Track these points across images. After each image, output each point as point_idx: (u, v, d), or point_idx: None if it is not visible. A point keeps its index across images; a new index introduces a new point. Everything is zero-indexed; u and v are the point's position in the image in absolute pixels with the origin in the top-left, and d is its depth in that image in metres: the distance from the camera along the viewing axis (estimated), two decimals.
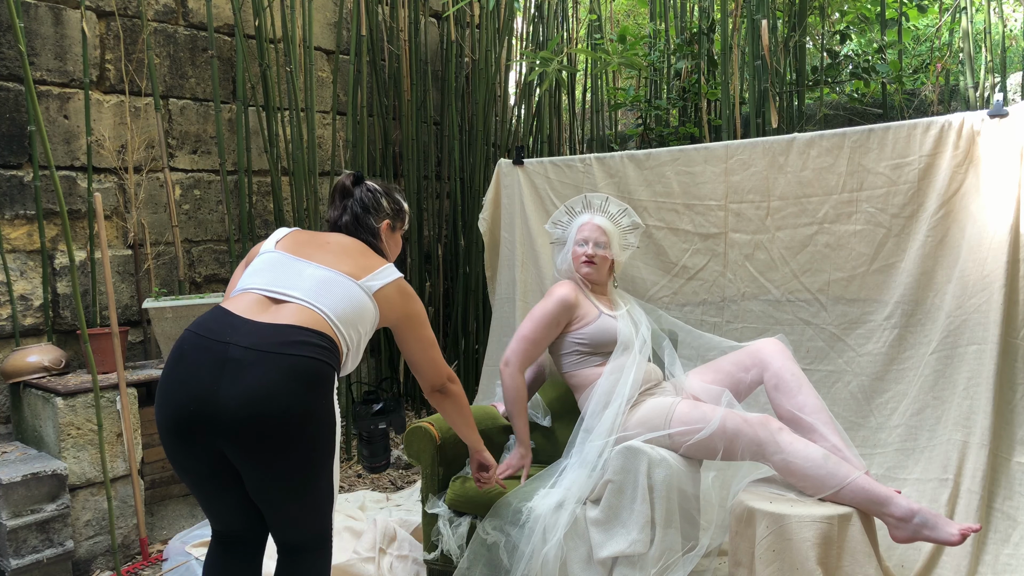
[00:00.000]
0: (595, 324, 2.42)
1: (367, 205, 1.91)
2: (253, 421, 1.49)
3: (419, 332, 1.88)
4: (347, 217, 1.90)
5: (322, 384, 1.58)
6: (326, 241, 1.84)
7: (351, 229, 1.90)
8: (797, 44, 3.83)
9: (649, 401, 2.30)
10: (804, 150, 2.73)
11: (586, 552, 2.15)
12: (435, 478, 2.43)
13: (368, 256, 1.84)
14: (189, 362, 1.56)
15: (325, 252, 1.79)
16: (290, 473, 1.56)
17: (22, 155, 3.03)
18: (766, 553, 1.98)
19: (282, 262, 1.75)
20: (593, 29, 4.76)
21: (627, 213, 2.67)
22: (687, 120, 4.45)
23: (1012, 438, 2.32)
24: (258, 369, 1.50)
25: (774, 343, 2.37)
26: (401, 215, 2.01)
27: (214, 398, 1.50)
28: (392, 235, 1.98)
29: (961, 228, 2.46)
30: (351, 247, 1.84)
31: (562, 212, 2.70)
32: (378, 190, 1.94)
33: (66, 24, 3.14)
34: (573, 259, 2.54)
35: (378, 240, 1.92)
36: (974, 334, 2.37)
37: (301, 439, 1.54)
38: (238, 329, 1.57)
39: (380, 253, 1.91)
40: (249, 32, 3.66)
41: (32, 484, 2.54)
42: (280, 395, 1.50)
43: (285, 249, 1.79)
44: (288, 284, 1.69)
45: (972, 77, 3.70)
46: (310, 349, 1.57)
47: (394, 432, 3.95)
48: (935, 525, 1.98)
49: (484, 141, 4.44)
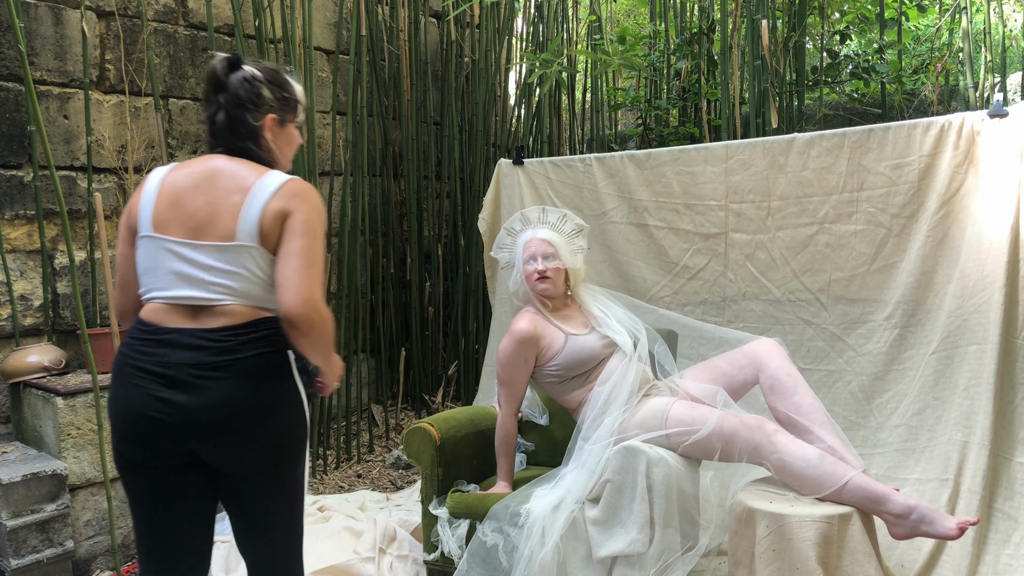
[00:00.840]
0: (564, 351, 2.36)
1: (243, 100, 1.59)
2: (215, 427, 1.47)
3: (301, 242, 1.50)
4: (221, 117, 1.60)
5: (274, 375, 1.52)
6: (202, 188, 1.55)
7: (226, 136, 1.60)
8: (797, 44, 3.83)
9: (645, 403, 2.30)
10: (804, 150, 2.73)
11: (585, 552, 2.14)
12: (435, 479, 2.43)
13: (247, 184, 1.54)
14: (131, 388, 1.50)
15: (206, 210, 1.53)
16: (260, 465, 1.52)
17: (22, 155, 3.03)
18: (766, 553, 1.98)
19: (171, 256, 1.53)
20: (593, 29, 4.76)
21: (567, 218, 2.59)
22: (687, 120, 4.45)
23: (1013, 438, 2.31)
24: (208, 383, 1.46)
25: (770, 343, 2.35)
26: (289, 104, 1.68)
27: (169, 417, 1.46)
28: (281, 130, 1.67)
29: (961, 228, 2.46)
30: (229, 186, 1.54)
31: (504, 235, 2.63)
32: (257, 78, 1.62)
33: (66, 24, 3.14)
34: (526, 279, 2.46)
35: (259, 143, 1.61)
36: (974, 334, 2.37)
37: (265, 430, 1.50)
38: (173, 346, 1.48)
39: (264, 162, 1.61)
40: (249, 32, 3.65)
41: (32, 484, 2.54)
42: (235, 402, 1.47)
43: (164, 229, 1.54)
44: (192, 284, 1.51)
45: (972, 77, 3.70)
46: (251, 346, 1.49)
47: None
48: (933, 520, 1.98)
49: (484, 141, 4.44)
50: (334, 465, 3.83)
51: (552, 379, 2.40)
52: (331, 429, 3.98)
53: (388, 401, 4.33)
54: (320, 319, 1.48)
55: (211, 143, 1.63)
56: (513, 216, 2.64)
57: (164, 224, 1.55)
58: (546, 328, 2.41)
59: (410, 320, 4.37)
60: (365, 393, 4.29)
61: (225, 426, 1.47)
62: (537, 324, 2.40)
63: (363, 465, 3.89)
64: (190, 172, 1.58)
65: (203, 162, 1.60)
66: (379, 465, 3.89)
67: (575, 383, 2.38)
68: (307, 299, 1.45)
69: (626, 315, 2.53)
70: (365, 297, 4.17)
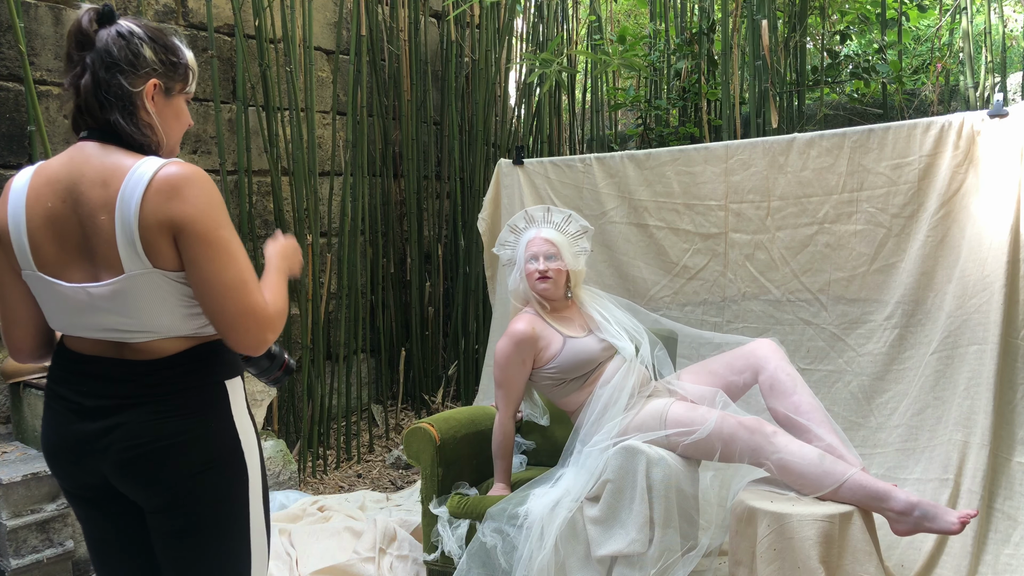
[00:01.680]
0: (562, 354, 2.34)
1: (116, 58, 1.27)
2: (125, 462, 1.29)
3: (211, 266, 1.22)
4: (86, 79, 1.27)
5: (199, 410, 1.31)
6: (69, 204, 1.25)
7: (93, 108, 1.27)
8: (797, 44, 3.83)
9: (644, 405, 2.29)
10: (804, 150, 2.73)
11: (584, 552, 2.14)
12: (435, 479, 2.43)
13: (111, 194, 1.23)
14: (51, 416, 1.36)
15: (83, 238, 1.25)
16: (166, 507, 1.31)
17: (22, 155, 3.03)
18: (767, 552, 1.98)
19: (70, 300, 1.27)
20: (593, 29, 4.76)
21: (572, 219, 2.55)
22: (687, 120, 4.45)
23: (1012, 438, 2.32)
24: (122, 415, 1.29)
25: (768, 344, 2.35)
26: (178, 70, 1.35)
27: (82, 447, 1.32)
28: (167, 102, 1.34)
29: (961, 228, 2.46)
30: (93, 200, 1.23)
31: (507, 232, 2.59)
32: (136, 34, 1.29)
33: (66, 24, 3.14)
34: (527, 278, 2.43)
35: (135, 117, 1.28)
36: (974, 334, 2.37)
37: (173, 471, 1.30)
38: (94, 377, 1.32)
39: (140, 145, 1.28)
40: (249, 32, 3.65)
41: (32, 484, 2.54)
42: (147, 438, 1.28)
43: (49, 267, 1.27)
44: (105, 328, 1.28)
45: (972, 77, 3.70)
46: (177, 381, 1.30)
47: None
48: (935, 516, 1.99)
49: (484, 141, 4.44)
50: (334, 465, 3.83)
51: (550, 381, 2.39)
52: (331, 429, 3.98)
53: (388, 401, 4.33)
54: (276, 324, 1.27)
55: (76, 124, 1.31)
56: (517, 214, 2.62)
57: (47, 259, 1.27)
58: (544, 330, 2.39)
59: (410, 320, 4.37)
60: (365, 393, 4.29)
61: (134, 463, 1.29)
62: (535, 326, 2.38)
63: (363, 465, 3.89)
64: (52, 179, 1.27)
65: (65, 160, 1.29)
66: (379, 465, 3.89)
67: (573, 386, 2.37)
68: (256, 331, 1.24)
69: (627, 318, 2.51)
70: (365, 297, 4.17)
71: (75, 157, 1.28)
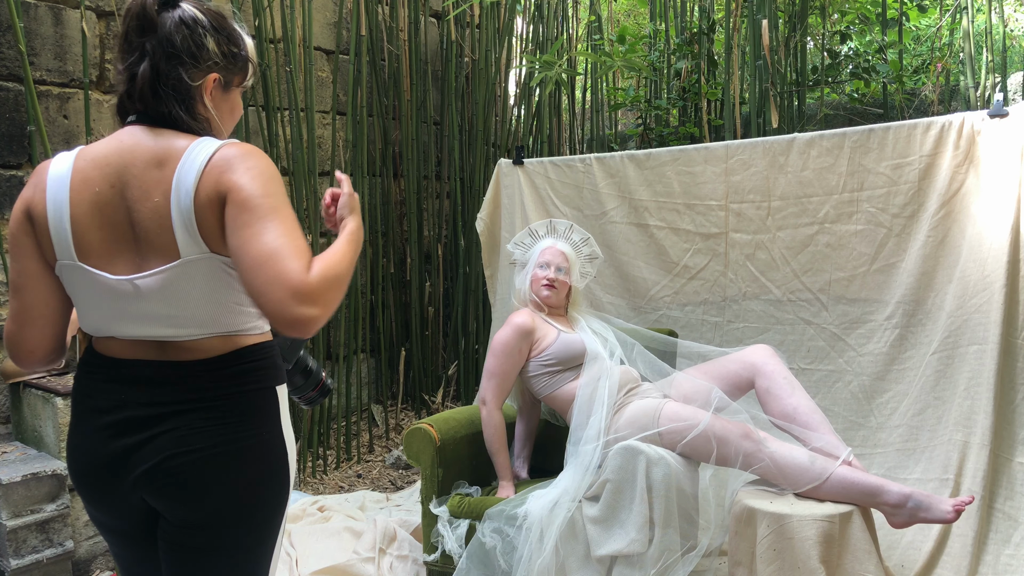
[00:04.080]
0: (557, 342, 2.44)
1: (179, 49, 1.19)
2: (165, 475, 1.19)
3: (262, 224, 1.09)
4: (145, 70, 1.19)
5: (251, 418, 1.21)
6: (118, 189, 1.17)
7: (147, 98, 1.19)
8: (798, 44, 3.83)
9: (635, 402, 2.31)
10: (804, 150, 2.73)
11: (584, 552, 2.15)
12: (435, 479, 2.43)
13: (168, 175, 1.16)
14: (87, 436, 1.25)
15: (134, 221, 1.17)
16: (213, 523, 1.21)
17: (22, 155, 3.03)
18: (766, 552, 1.98)
19: (112, 294, 1.18)
20: (593, 29, 4.76)
21: (589, 243, 2.71)
22: (687, 120, 4.45)
23: (1013, 438, 2.32)
24: (168, 423, 1.19)
25: (764, 349, 2.38)
26: (238, 62, 1.28)
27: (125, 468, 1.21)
28: (225, 96, 1.28)
29: (961, 228, 2.46)
30: (146, 181, 1.16)
31: (525, 234, 2.72)
32: (201, 22, 1.22)
33: (66, 24, 3.14)
34: (533, 281, 2.55)
35: (193, 111, 1.22)
36: (975, 334, 2.37)
37: (225, 484, 1.20)
38: (133, 383, 1.21)
39: (195, 134, 1.21)
40: (249, 32, 3.65)
41: (32, 484, 2.54)
42: (196, 447, 1.18)
43: (93, 257, 1.19)
44: (150, 322, 1.19)
45: (972, 77, 3.70)
46: (227, 384, 1.20)
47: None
48: (929, 506, 2.01)
49: (484, 141, 4.44)
50: (334, 465, 3.83)
51: (547, 370, 2.44)
52: (331, 429, 3.98)
53: (388, 401, 4.33)
54: (316, 296, 1.06)
55: (123, 108, 1.23)
56: (540, 222, 2.74)
57: (91, 248, 1.18)
58: (541, 324, 2.51)
59: (410, 320, 4.37)
60: (365, 393, 4.29)
61: (177, 474, 1.18)
62: (534, 319, 2.50)
63: (363, 465, 3.89)
64: (100, 162, 1.20)
65: (113, 143, 1.21)
66: (379, 465, 3.89)
67: (566, 377, 2.43)
68: (288, 302, 1.04)
69: (608, 331, 2.59)
70: (365, 297, 4.17)
71: (125, 141, 1.20)
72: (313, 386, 1.43)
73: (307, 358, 1.41)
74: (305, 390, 1.42)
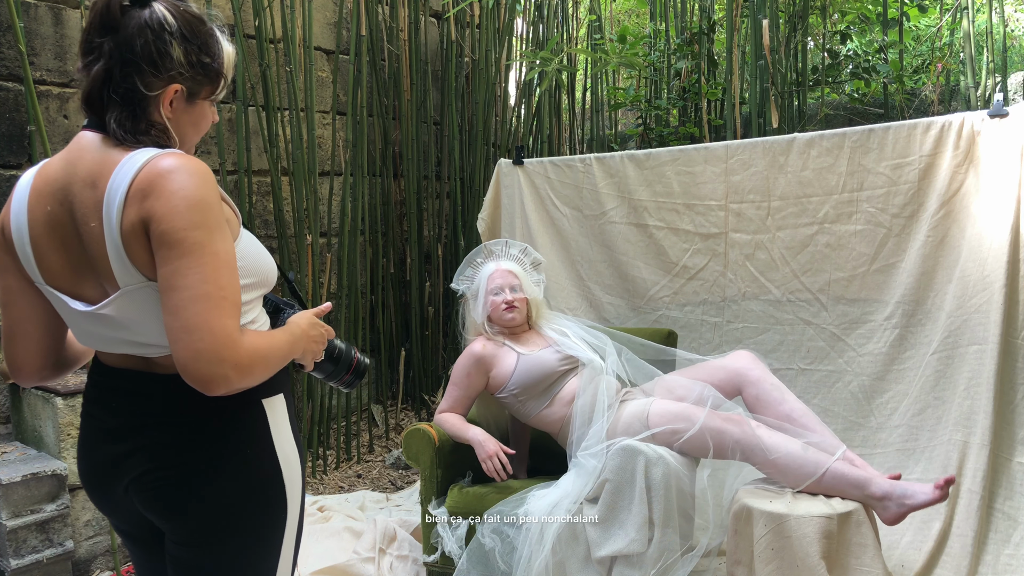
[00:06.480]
0: (516, 371, 2.42)
1: (137, 55, 1.08)
2: (150, 488, 1.17)
3: (177, 264, 1.01)
4: (98, 70, 1.10)
5: (234, 432, 1.16)
6: (66, 208, 1.10)
7: (94, 103, 1.11)
8: (798, 44, 3.83)
9: (624, 408, 2.31)
10: (804, 150, 2.73)
11: (584, 552, 2.14)
12: (434, 480, 2.43)
13: (98, 197, 1.07)
14: (86, 439, 1.26)
15: (82, 247, 1.10)
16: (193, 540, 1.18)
17: (22, 155, 3.03)
18: (765, 552, 1.98)
19: (81, 317, 1.14)
20: (593, 29, 4.76)
21: (527, 251, 2.72)
22: (687, 120, 4.45)
23: (1013, 438, 2.31)
24: (151, 435, 1.16)
25: (747, 356, 2.38)
26: (208, 73, 1.16)
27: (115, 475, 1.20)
28: (188, 108, 1.15)
29: (961, 228, 2.46)
30: (85, 202, 1.07)
31: (465, 266, 2.71)
32: (168, 26, 1.10)
33: (66, 24, 3.14)
34: (493, 309, 2.53)
35: (142, 120, 1.10)
36: (975, 334, 2.37)
37: (202, 500, 1.15)
38: (121, 393, 1.19)
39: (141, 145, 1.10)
40: (249, 32, 3.65)
41: (32, 484, 2.54)
42: (176, 461, 1.16)
43: (56, 281, 1.13)
44: (123, 343, 1.15)
45: (973, 77, 3.70)
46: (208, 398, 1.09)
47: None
48: (913, 493, 2.01)
49: (484, 141, 4.44)
50: (334, 465, 3.83)
51: (514, 402, 2.45)
52: (331, 429, 3.98)
53: (388, 401, 4.33)
54: (240, 363, 1.01)
55: (84, 109, 1.15)
56: (475, 249, 2.74)
57: (54, 271, 1.13)
58: (497, 350, 2.49)
59: (410, 320, 4.37)
60: (365, 393, 4.29)
61: (158, 489, 1.15)
62: (488, 347, 2.49)
63: (363, 465, 3.89)
64: (50, 178, 1.12)
65: (63, 156, 1.13)
66: (379, 465, 3.89)
67: (537, 402, 2.42)
68: (207, 357, 0.99)
69: (586, 332, 2.58)
70: (365, 297, 4.17)
71: (72, 152, 1.12)
72: (346, 369, 1.35)
73: (333, 344, 1.33)
74: (338, 375, 1.35)
